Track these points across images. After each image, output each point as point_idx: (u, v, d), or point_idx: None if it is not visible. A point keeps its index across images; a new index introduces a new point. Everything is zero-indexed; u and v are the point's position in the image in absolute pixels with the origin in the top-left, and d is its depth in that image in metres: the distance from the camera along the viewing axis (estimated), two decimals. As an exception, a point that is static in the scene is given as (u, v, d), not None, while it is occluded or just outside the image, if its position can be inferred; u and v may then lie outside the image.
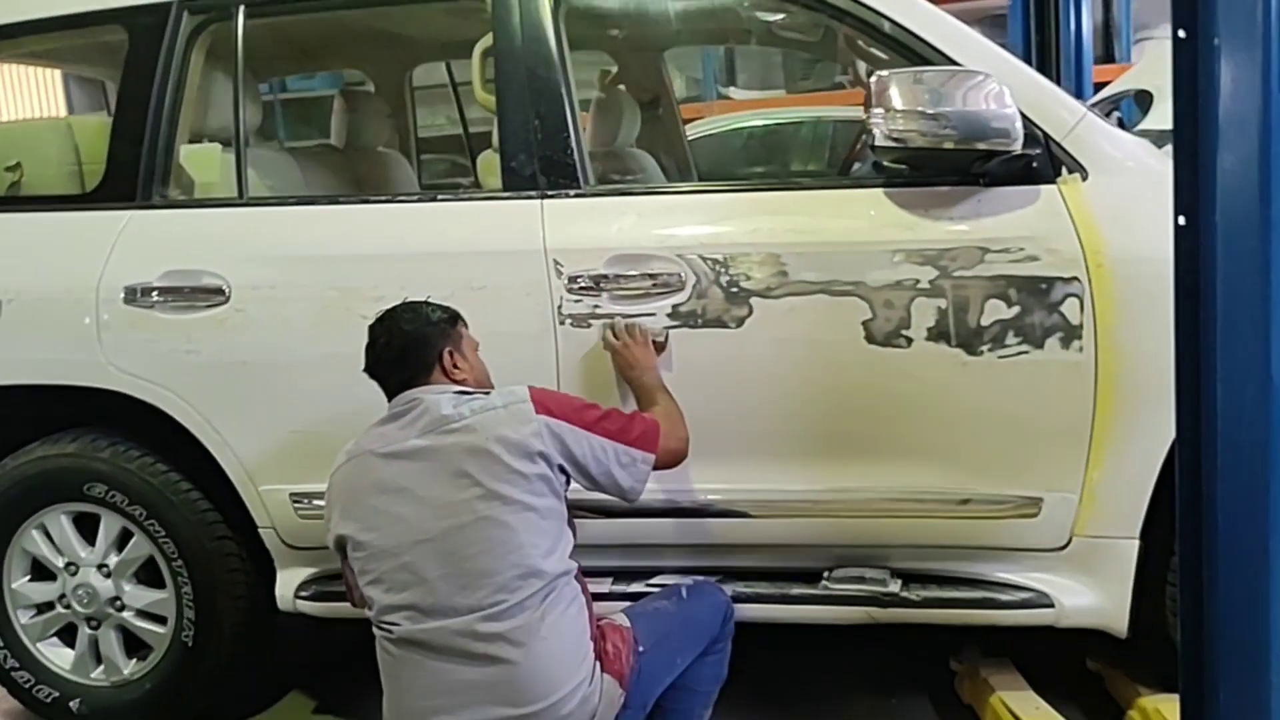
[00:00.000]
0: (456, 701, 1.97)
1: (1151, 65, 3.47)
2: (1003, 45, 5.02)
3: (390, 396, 2.23)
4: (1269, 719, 1.76)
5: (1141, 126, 2.76)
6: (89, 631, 2.95)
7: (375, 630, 2.09)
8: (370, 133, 3.86)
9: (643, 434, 2.20)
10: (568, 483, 2.13)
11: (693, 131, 5.25)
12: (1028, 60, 4.33)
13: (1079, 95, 4.25)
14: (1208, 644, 1.80)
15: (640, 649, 2.13)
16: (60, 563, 2.92)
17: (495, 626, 1.97)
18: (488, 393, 2.18)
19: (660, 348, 2.45)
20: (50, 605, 2.96)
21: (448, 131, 5.47)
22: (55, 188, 3.01)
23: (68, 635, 2.99)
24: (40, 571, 2.97)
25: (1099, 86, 4.94)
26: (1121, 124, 2.69)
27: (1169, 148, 2.37)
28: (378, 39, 3.55)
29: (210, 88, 2.97)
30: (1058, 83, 3.98)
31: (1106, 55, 6.68)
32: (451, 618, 1.98)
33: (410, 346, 2.20)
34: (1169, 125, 2.47)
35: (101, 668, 2.96)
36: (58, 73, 9.72)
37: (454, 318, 2.29)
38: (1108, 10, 6.86)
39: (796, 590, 2.55)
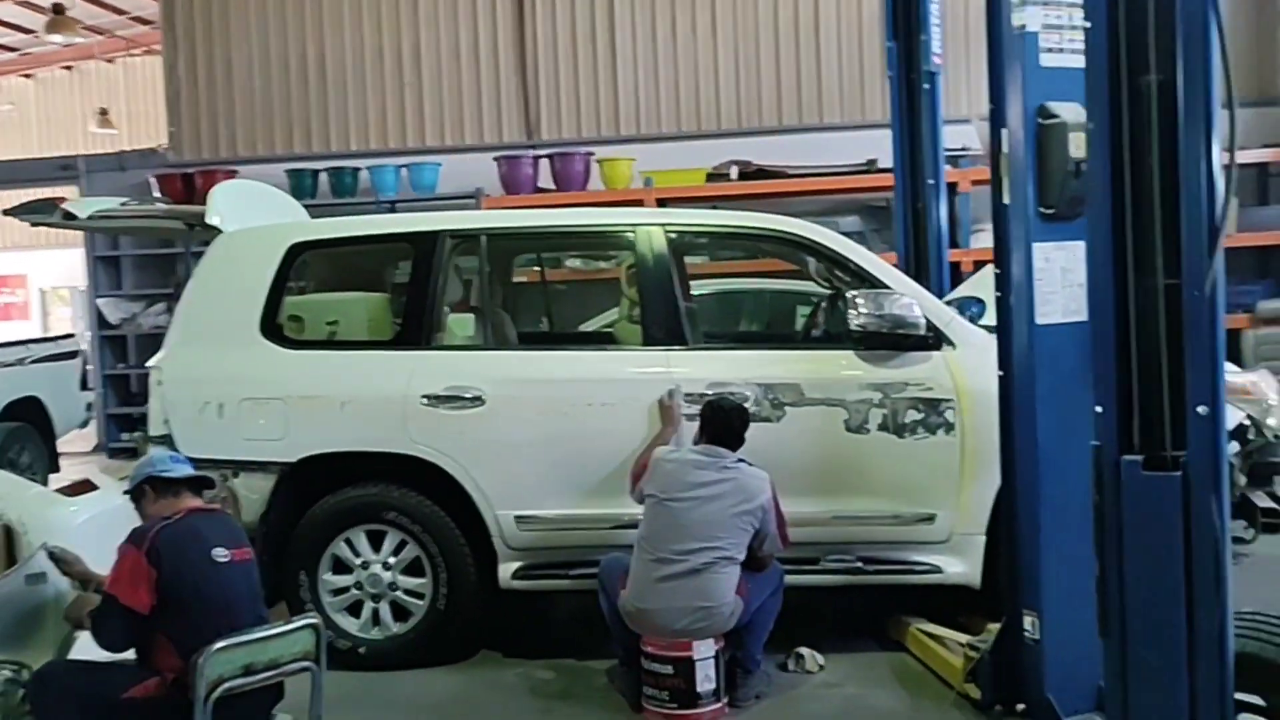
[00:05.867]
0: (668, 591, 4.03)
1: (981, 283, 5.88)
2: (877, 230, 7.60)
3: (704, 437, 4.28)
4: (1041, 609, 3.88)
5: (982, 322, 5.04)
6: (371, 605, 4.82)
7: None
8: (497, 299, 5.93)
9: (785, 529, 4.30)
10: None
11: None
12: (906, 244, 6.67)
13: (940, 271, 6.59)
14: (1016, 586, 3.97)
15: (749, 587, 4.20)
16: (358, 562, 4.80)
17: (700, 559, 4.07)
18: (751, 464, 4.26)
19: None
20: (344, 590, 4.82)
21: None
22: (358, 335, 5.00)
23: (353, 609, 4.83)
24: (339, 567, 4.83)
25: (952, 264, 7.34)
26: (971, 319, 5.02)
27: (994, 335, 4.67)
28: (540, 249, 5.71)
29: (457, 278, 5.03)
30: (929, 261, 6.36)
31: (952, 242, 9.19)
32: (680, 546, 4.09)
33: (733, 428, 4.29)
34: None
35: (377, 628, 4.82)
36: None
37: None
38: (951, 207, 9.43)
39: (807, 566, 4.65)
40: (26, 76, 19.95)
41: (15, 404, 8.47)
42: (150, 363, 4.97)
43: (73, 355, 9.33)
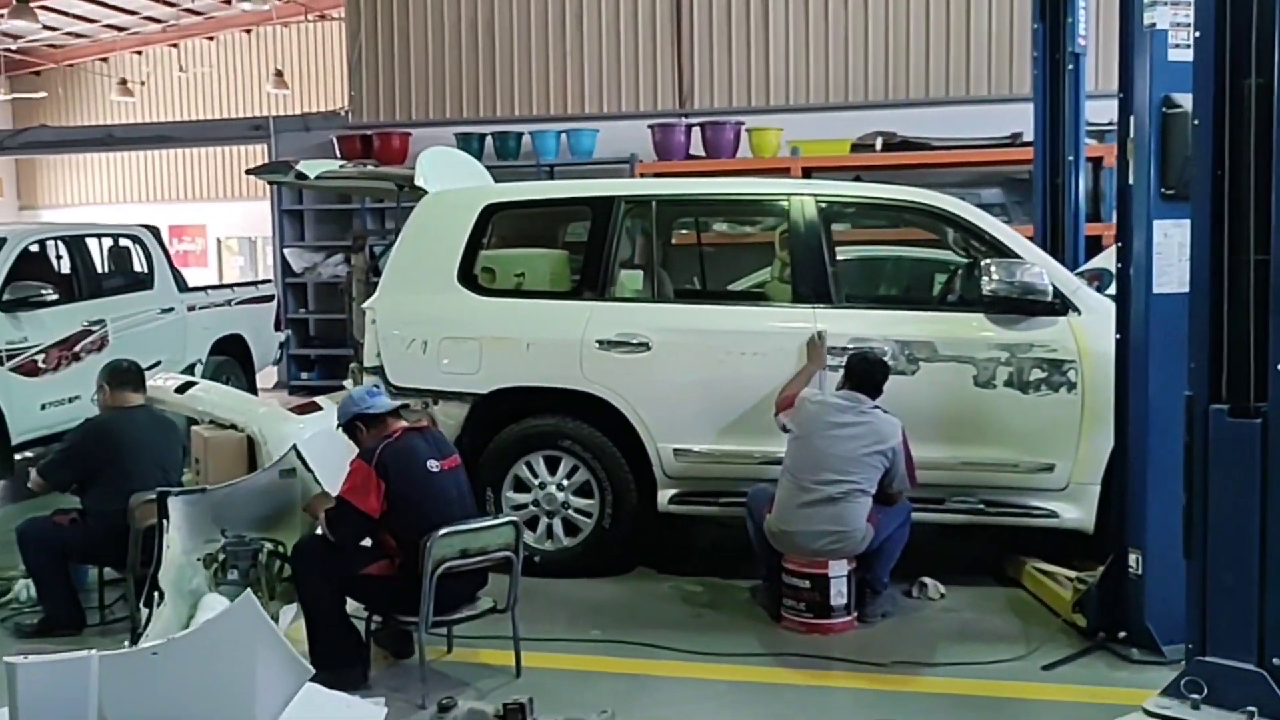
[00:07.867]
0: (808, 515, 4.63)
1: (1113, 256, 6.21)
2: (1019, 203, 7.94)
3: (848, 384, 4.86)
4: (1145, 548, 4.34)
5: (1108, 292, 5.43)
6: (546, 520, 5.56)
7: None
8: (661, 258, 6.57)
9: (913, 471, 4.85)
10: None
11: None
12: (1044, 218, 7.02)
13: (1076, 244, 6.92)
14: (1124, 526, 4.43)
15: (880, 518, 4.77)
16: (536, 482, 5.54)
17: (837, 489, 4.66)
18: (886, 411, 4.82)
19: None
20: (524, 506, 5.56)
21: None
22: (541, 286, 5.72)
23: (530, 523, 5.57)
24: (519, 486, 5.57)
25: (1089, 238, 7.63)
26: (1099, 288, 5.42)
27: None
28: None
29: (628, 238, 5.70)
30: (1064, 234, 6.71)
31: (1094, 215, 9.40)
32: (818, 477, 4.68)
33: (874, 379, 4.85)
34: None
35: (550, 540, 5.56)
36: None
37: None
38: (1096, 182, 9.64)
39: (933, 505, 5.18)
40: (209, 39, 21.45)
41: (222, 340, 9.55)
42: (365, 304, 5.78)
43: (269, 299, 10.39)
